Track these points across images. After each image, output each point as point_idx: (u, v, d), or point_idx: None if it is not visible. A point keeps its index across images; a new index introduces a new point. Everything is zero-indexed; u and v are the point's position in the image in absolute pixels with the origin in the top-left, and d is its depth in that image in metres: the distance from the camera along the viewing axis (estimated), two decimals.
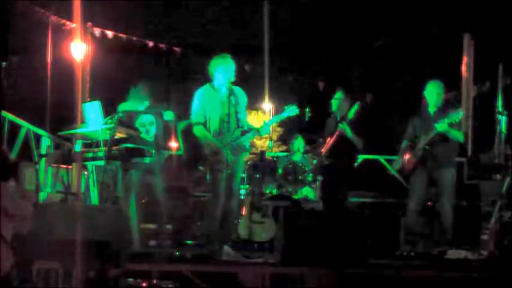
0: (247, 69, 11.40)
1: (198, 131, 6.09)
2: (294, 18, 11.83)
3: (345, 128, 6.80)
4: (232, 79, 6.09)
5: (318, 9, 11.31)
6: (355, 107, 6.85)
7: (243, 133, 6.13)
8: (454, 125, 6.23)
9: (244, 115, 6.22)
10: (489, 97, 8.15)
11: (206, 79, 6.19)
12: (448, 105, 6.64)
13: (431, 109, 6.47)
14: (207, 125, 6.08)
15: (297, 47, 12.51)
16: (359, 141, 6.91)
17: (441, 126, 6.18)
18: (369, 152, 8.87)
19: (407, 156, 6.49)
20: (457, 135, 6.34)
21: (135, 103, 6.62)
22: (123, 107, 6.52)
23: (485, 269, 5.36)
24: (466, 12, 9.48)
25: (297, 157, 7.91)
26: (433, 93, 6.45)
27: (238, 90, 6.18)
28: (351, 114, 6.84)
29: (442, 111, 6.36)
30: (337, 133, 6.87)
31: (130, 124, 6.36)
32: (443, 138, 6.29)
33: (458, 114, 6.19)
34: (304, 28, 12.04)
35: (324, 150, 7.05)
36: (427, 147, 6.32)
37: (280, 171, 7.88)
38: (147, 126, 6.45)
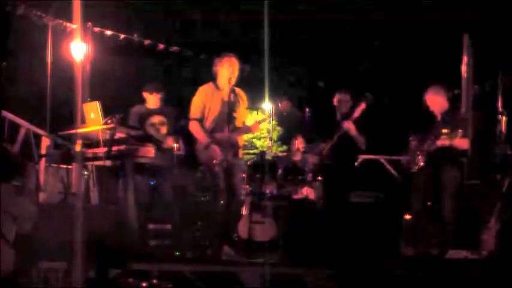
0: (247, 69, 11.37)
1: (192, 125, 6.11)
2: (294, 18, 11.83)
3: (349, 127, 6.79)
4: (237, 78, 6.10)
5: (318, 9, 11.31)
6: (361, 107, 6.83)
7: (239, 132, 6.16)
8: (457, 127, 6.23)
9: (244, 116, 6.23)
10: (489, 97, 8.13)
11: (207, 78, 6.19)
12: (454, 106, 6.65)
13: (436, 113, 6.48)
14: (204, 122, 6.09)
15: (297, 47, 12.50)
16: (362, 140, 6.90)
17: (441, 142, 6.21)
18: (370, 152, 8.85)
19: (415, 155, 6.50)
20: (460, 145, 6.33)
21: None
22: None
23: (485, 269, 5.36)
24: (466, 13, 9.47)
25: (297, 157, 7.89)
26: (432, 98, 6.47)
27: (239, 91, 6.19)
28: (356, 113, 6.82)
29: (447, 115, 6.37)
30: (339, 132, 6.86)
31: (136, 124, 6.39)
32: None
33: (463, 121, 6.20)
34: (304, 28, 12.04)
35: (325, 149, 7.03)
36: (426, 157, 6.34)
37: (280, 171, 7.88)
38: (157, 126, 6.49)
